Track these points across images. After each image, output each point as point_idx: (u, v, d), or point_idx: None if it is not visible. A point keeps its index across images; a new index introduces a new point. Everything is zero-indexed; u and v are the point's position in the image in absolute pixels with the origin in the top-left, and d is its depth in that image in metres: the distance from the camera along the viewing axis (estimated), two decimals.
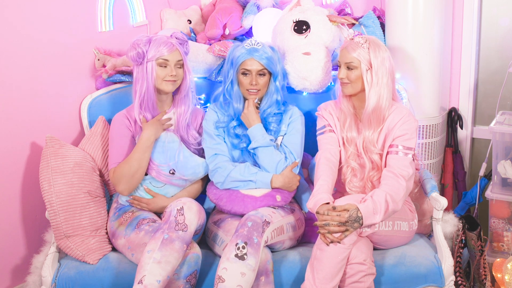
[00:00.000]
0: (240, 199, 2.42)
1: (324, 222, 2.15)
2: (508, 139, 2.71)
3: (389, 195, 2.20)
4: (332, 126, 2.45)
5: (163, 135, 2.51)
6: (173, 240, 2.19)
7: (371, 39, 2.36)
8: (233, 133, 2.57)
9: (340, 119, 2.44)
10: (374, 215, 2.17)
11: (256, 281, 2.22)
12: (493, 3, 3.02)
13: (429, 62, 2.87)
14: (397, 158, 2.31)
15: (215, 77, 2.92)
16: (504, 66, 2.95)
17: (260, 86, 2.51)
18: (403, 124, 2.34)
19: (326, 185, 2.29)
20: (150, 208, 2.50)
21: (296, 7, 2.86)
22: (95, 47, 2.90)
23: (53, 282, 2.38)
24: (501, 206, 2.77)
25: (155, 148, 2.49)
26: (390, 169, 2.29)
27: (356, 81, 2.35)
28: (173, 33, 2.56)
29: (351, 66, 2.34)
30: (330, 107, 2.49)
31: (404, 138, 2.32)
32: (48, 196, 2.41)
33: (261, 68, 2.50)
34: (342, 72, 2.36)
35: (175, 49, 2.49)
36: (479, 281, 2.63)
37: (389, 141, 2.35)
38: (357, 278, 2.21)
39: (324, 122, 2.47)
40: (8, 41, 2.53)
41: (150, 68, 2.47)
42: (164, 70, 2.48)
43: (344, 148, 2.43)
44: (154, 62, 2.47)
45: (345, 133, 2.42)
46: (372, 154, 2.37)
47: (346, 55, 2.35)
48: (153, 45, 2.46)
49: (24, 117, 2.62)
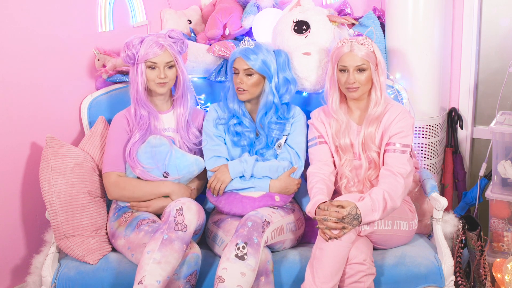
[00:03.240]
0: (239, 200, 2.42)
1: (322, 217, 2.16)
2: (508, 139, 2.71)
3: (387, 193, 2.21)
4: (324, 136, 2.44)
5: (152, 139, 2.50)
6: (173, 241, 2.19)
7: (369, 40, 2.37)
8: (233, 131, 2.57)
9: (332, 127, 2.43)
10: (373, 213, 2.17)
11: (256, 281, 2.23)
12: (493, 3, 3.02)
13: (429, 62, 2.87)
14: (395, 156, 2.31)
15: (215, 77, 2.92)
16: (504, 66, 2.95)
17: (247, 86, 2.48)
18: (399, 122, 2.34)
19: (321, 190, 2.32)
20: (150, 210, 2.50)
21: (296, 7, 2.86)
22: (95, 47, 2.90)
23: (53, 282, 2.38)
24: (501, 206, 2.77)
25: (143, 152, 2.49)
26: (388, 167, 2.30)
27: (366, 83, 2.34)
28: (168, 32, 2.54)
29: (362, 68, 2.32)
30: (322, 114, 2.48)
31: (400, 135, 2.33)
32: (48, 196, 2.41)
33: (246, 67, 2.49)
34: (352, 77, 2.32)
35: (163, 50, 2.47)
36: (479, 281, 2.63)
37: (385, 139, 2.35)
38: (357, 278, 2.21)
39: (314, 133, 2.46)
40: (8, 41, 2.53)
41: (140, 70, 2.48)
42: (154, 72, 2.49)
43: (338, 156, 2.43)
44: (143, 64, 2.47)
45: (339, 141, 2.41)
46: (371, 151, 2.37)
47: (355, 58, 2.32)
48: (143, 47, 2.46)
49: (24, 117, 2.62)
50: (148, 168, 2.48)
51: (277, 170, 2.48)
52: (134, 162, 2.48)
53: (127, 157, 2.48)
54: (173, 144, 2.53)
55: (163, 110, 2.61)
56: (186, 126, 2.59)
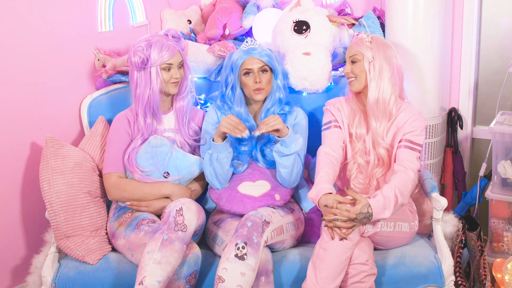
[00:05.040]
0: (239, 199, 2.42)
1: (333, 217, 2.15)
2: (508, 139, 2.71)
3: (397, 189, 2.21)
4: (339, 122, 2.46)
5: (152, 139, 2.50)
6: (173, 241, 2.19)
7: (375, 37, 2.41)
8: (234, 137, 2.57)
9: (349, 116, 2.45)
10: (384, 210, 2.17)
11: (256, 281, 2.22)
12: (493, 3, 3.02)
13: (429, 62, 2.87)
14: (406, 152, 2.34)
15: (215, 77, 2.92)
16: (504, 66, 2.95)
17: (264, 84, 2.50)
18: (414, 121, 2.37)
19: (327, 176, 2.29)
20: (150, 210, 2.50)
21: (296, 7, 2.86)
22: (95, 47, 2.90)
23: (53, 282, 2.38)
24: (501, 206, 2.77)
25: (143, 153, 2.49)
26: (400, 162, 2.32)
27: (360, 74, 2.38)
28: (167, 32, 2.54)
29: (354, 59, 2.38)
30: (339, 103, 2.50)
31: (413, 133, 2.35)
32: (48, 196, 2.41)
33: (262, 64, 2.50)
34: (347, 67, 2.41)
35: (176, 51, 2.49)
36: (479, 281, 2.63)
37: (399, 137, 2.37)
38: (359, 278, 2.21)
39: (330, 117, 2.48)
40: (8, 41, 2.53)
41: (155, 73, 2.46)
42: (168, 73, 2.49)
43: (351, 145, 2.44)
44: (158, 66, 2.47)
45: (354, 129, 2.43)
46: (380, 147, 2.38)
47: (350, 50, 2.41)
48: (154, 50, 2.45)
49: (24, 117, 2.62)
50: (147, 172, 2.48)
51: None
52: (133, 167, 2.48)
53: (126, 163, 2.48)
54: (173, 145, 2.53)
55: (164, 111, 2.61)
56: (186, 121, 2.59)
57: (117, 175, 2.50)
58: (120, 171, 2.51)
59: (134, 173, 2.48)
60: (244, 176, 2.51)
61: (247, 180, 2.48)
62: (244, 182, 2.48)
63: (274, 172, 2.53)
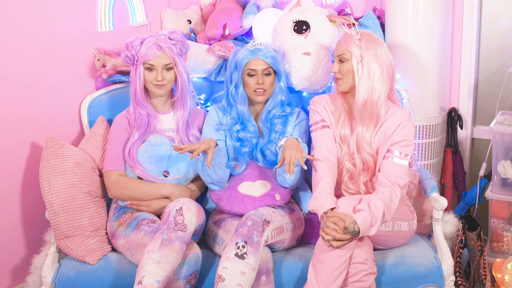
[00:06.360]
0: (239, 199, 2.42)
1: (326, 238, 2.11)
2: (508, 139, 2.71)
3: (386, 206, 2.16)
4: (326, 121, 2.39)
5: (152, 138, 2.51)
6: (173, 241, 2.19)
7: (365, 33, 2.31)
8: (236, 137, 2.57)
9: (335, 115, 2.38)
10: (371, 228, 2.13)
11: (257, 280, 2.22)
12: (493, 3, 3.02)
13: (429, 62, 2.87)
14: (394, 165, 2.25)
15: (215, 77, 2.92)
16: (504, 66, 2.95)
17: (266, 86, 2.51)
18: (402, 130, 2.28)
19: (328, 187, 2.23)
20: (150, 210, 2.50)
21: (296, 7, 2.86)
22: (95, 47, 2.90)
23: (53, 282, 2.38)
24: (501, 206, 2.77)
25: (143, 151, 2.50)
26: (387, 176, 2.23)
27: (347, 74, 2.30)
28: (169, 33, 2.54)
29: (342, 58, 2.30)
30: (325, 101, 2.42)
31: (402, 144, 2.27)
32: (48, 196, 2.41)
33: (266, 67, 2.50)
34: (334, 66, 2.33)
35: (161, 52, 2.48)
36: (479, 281, 2.63)
37: (386, 146, 2.29)
38: (359, 277, 2.21)
39: (317, 117, 2.40)
40: (8, 41, 2.53)
41: (139, 71, 2.50)
42: (152, 74, 2.50)
43: (340, 146, 2.37)
44: (142, 65, 2.48)
45: (339, 129, 2.36)
46: (364, 152, 2.32)
47: (338, 48, 2.33)
48: (142, 48, 2.47)
49: (24, 117, 2.62)
50: (148, 168, 2.49)
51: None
52: (134, 162, 2.48)
53: (127, 157, 2.49)
54: (173, 144, 2.53)
55: (163, 111, 2.61)
56: (185, 128, 2.59)
57: (118, 173, 2.50)
58: (121, 169, 2.51)
59: (135, 168, 2.48)
60: (244, 176, 2.51)
61: (247, 180, 2.48)
62: (244, 182, 2.48)
63: (274, 172, 2.52)
